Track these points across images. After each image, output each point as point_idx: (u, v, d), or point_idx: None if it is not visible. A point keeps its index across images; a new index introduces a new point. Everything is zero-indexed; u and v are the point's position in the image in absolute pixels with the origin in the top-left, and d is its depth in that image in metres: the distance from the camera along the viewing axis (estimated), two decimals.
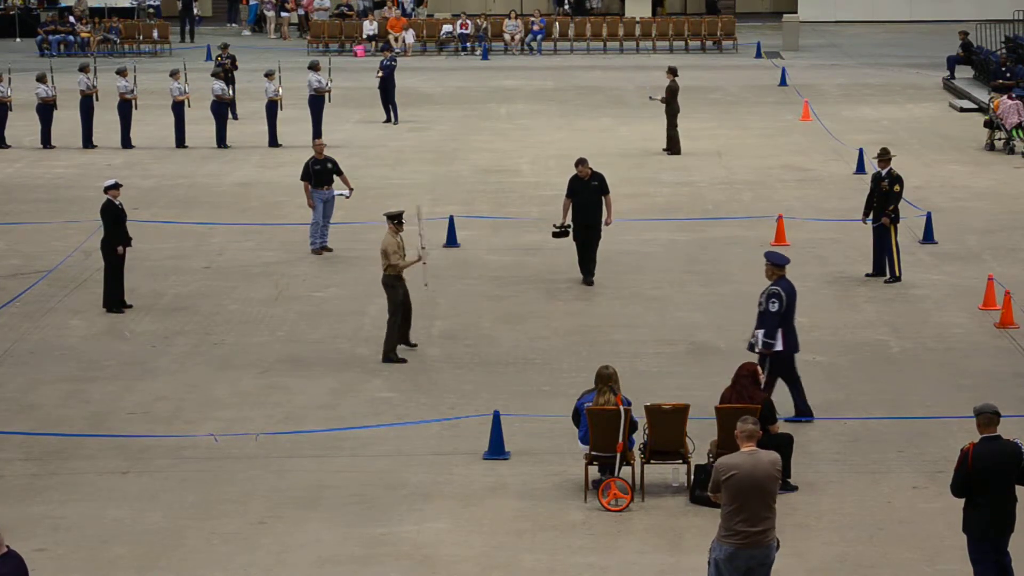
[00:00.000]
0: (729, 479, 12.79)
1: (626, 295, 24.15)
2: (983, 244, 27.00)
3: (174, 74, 37.52)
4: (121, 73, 37.11)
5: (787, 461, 16.53)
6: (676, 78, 35.98)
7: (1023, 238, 27.51)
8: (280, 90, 37.09)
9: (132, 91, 37.02)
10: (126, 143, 37.04)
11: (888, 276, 24.50)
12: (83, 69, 37.45)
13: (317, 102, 37.23)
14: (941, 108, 42.63)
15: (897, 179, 24.51)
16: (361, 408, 19.28)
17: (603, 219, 24.55)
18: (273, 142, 36.95)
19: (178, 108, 37.11)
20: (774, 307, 18.37)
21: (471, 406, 19.14)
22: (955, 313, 23.00)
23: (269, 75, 37.25)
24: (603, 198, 24.53)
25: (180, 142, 37.15)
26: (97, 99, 37.21)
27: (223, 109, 37.42)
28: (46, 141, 37.11)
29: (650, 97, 37.85)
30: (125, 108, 37.05)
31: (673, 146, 35.74)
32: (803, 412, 18.51)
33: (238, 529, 15.78)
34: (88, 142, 37.14)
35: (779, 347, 18.39)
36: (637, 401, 16.78)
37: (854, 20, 62.22)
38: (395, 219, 21.34)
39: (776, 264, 18.70)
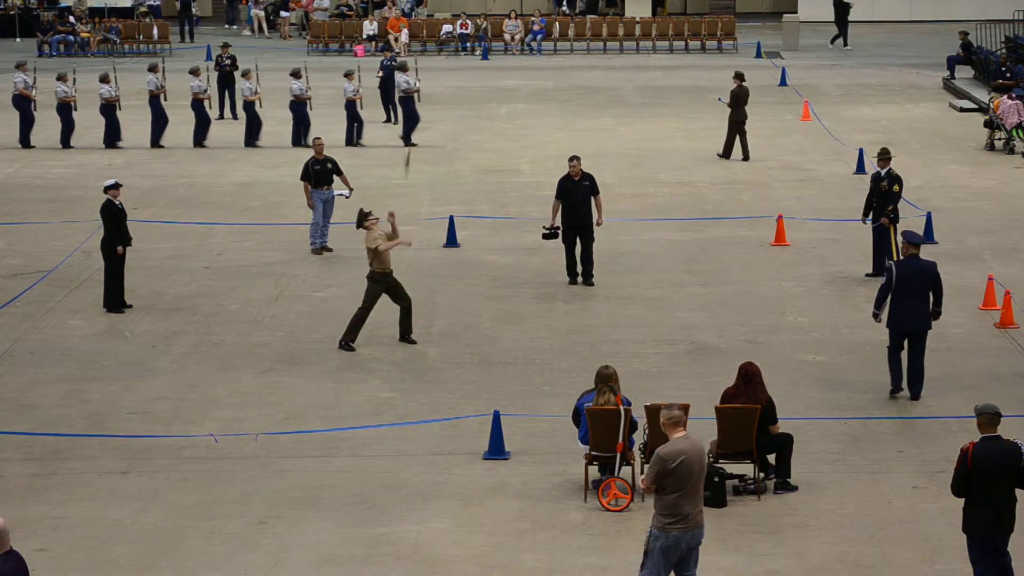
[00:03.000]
0: (679, 465, 12.96)
1: (626, 295, 24.15)
2: (983, 244, 27.00)
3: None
4: (194, 72, 37.29)
5: (787, 461, 16.55)
6: (743, 83, 34.76)
7: (1023, 238, 27.52)
8: (360, 89, 37.15)
9: (205, 91, 37.15)
10: (198, 141, 37.08)
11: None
12: (152, 69, 37.28)
13: (408, 103, 37.16)
14: (941, 108, 42.64)
15: (896, 179, 24.52)
16: (361, 408, 19.28)
17: (594, 220, 24.52)
18: (350, 141, 36.97)
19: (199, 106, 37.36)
20: (883, 280, 19.31)
21: (471, 406, 19.14)
22: (955, 313, 22.98)
23: (348, 75, 37.30)
24: (593, 198, 24.49)
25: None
26: (165, 99, 37.32)
27: (302, 109, 37.21)
28: (110, 140, 37.07)
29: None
30: (199, 107, 37.15)
31: (726, 151, 34.69)
32: (910, 388, 19.20)
33: (238, 529, 15.78)
34: (157, 142, 37.09)
35: (882, 319, 19.28)
36: (637, 401, 16.78)
37: (854, 20, 62.19)
38: (360, 221, 21.83)
39: (908, 242, 19.46)
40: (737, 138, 34.81)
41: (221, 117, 39.99)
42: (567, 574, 14.78)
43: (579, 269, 24.70)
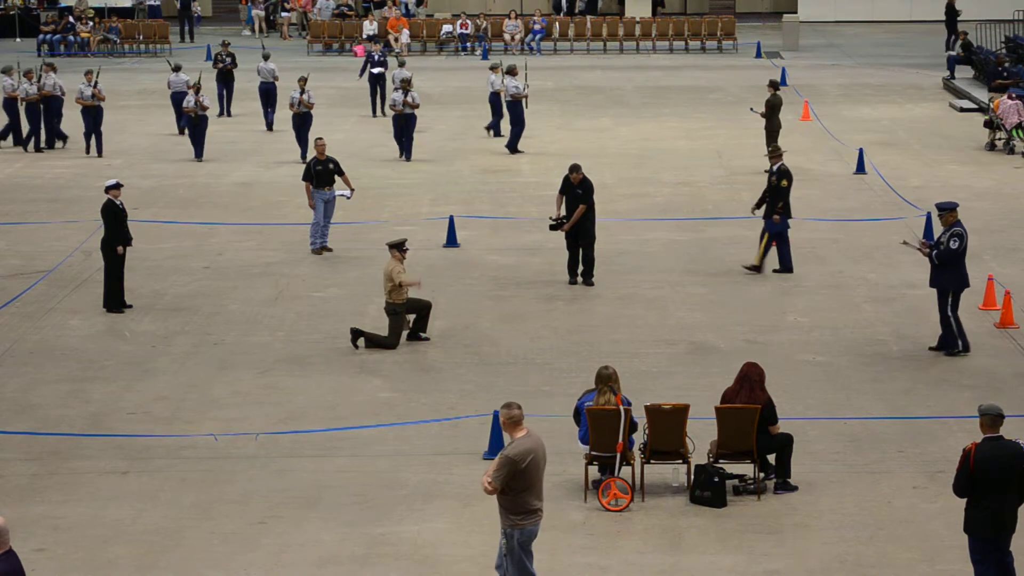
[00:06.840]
0: (529, 463, 13.19)
1: (626, 295, 24.15)
2: (983, 244, 26.97)
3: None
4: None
5: (787, 461, 16.53)
6: (778, 92, 34.05)
7: (1023, 238, 27.52)
8: (520, 85, 36.64)
9: (16, 88, 36.63)
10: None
11: (752, 264, 24.98)
12: (6, 72, 36.78)
13: (515, 107, 36.64)
14: (941, 108, 42.65)
15: (784, 174, 24.94)
16: (361, 408, 19.28)
17: (594, 222, 24.47)
18: (514, 148, 36.52)
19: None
20: (954, 244, 20.43)
21: (471, 406, 19.13)
22: None
23: (511, 71, 37.09)
24: (580, 205, 24.42)
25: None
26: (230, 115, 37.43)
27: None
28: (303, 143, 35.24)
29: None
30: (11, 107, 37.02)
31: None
32: (958, 342, 20.83)
33: (238, 529, 15.78)
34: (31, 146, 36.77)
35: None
36: (637, 401, 16.78)
37: (854, 20, 62.24)
38: (398, 247, 21.77)
39: (946, 209, 20.63)
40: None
41: (220, 115, 39.94)
42: (567, 574, 14.78)
43: (580, 269, 24.71)
